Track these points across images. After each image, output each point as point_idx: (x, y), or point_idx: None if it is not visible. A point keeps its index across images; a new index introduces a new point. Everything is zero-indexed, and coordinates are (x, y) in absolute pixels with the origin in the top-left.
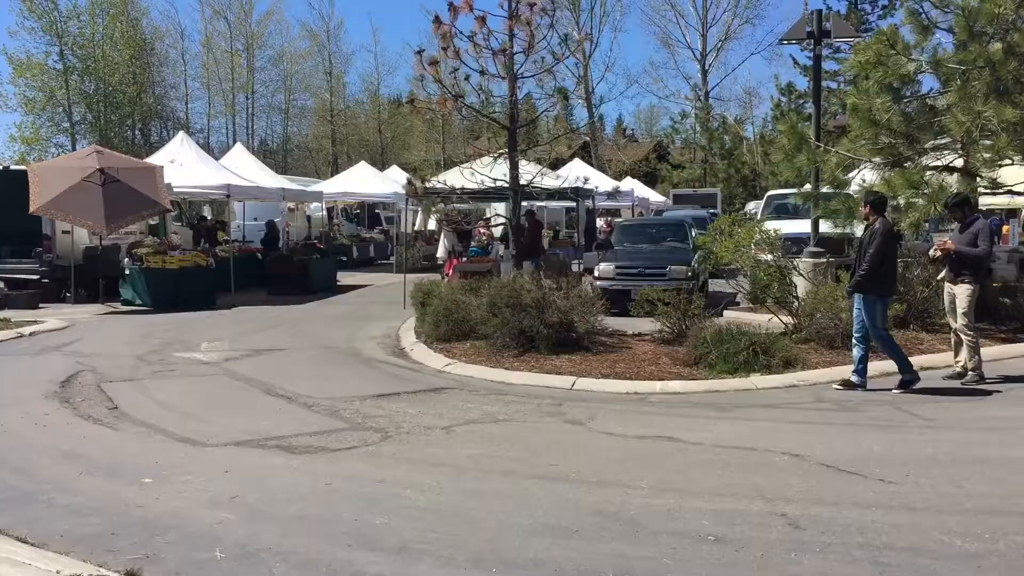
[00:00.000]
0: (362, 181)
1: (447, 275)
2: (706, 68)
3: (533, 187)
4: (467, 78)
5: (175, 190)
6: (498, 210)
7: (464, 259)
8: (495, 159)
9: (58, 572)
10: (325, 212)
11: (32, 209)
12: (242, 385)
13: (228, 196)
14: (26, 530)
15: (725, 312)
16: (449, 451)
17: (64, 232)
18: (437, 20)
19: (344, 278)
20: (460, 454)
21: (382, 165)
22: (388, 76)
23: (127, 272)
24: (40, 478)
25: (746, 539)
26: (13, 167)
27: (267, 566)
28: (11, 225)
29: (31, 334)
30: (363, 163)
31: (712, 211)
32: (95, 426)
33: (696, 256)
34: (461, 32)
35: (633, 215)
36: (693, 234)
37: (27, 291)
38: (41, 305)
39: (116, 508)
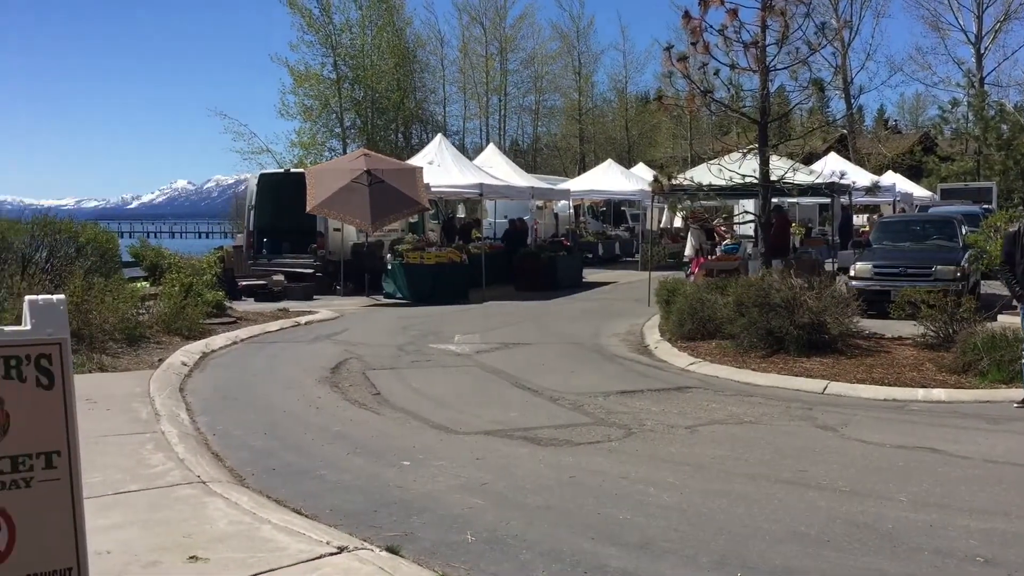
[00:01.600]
0: (608, 179)
1: (692, 273)
2: (981, 52)
3: (784, 183)
4: (716, 73)
5: (432, 190)
6: (747, 207)
7: (711, 257)
8: (744, 155)
9: (327, 543)
10: (572, 210)
11: (308, 208)
12: (491, 377)
13: (481, 195)
14: (301, 503)
15: (1000, 316)
16: (692, 450)
17: (335, 230)
18: (687, 15)
19: (589, 275)
20: (704, 454)
21: (628, 163)
22: (636, 74)
23: (389, 267)
24: (313, 456)
25: (1022, 563)
26: (293, 170)
27: (514, 552)
28: (291, 223)
29: (306, 323)
30: (610, 161)
31: (986, 207)
32: (360, 410)
33: (966, 255)
34: (711, 26)
35: (894, 211)
36: (963, 232)
37: (303, 284)
38: (315, 297)
39: (377, 487)
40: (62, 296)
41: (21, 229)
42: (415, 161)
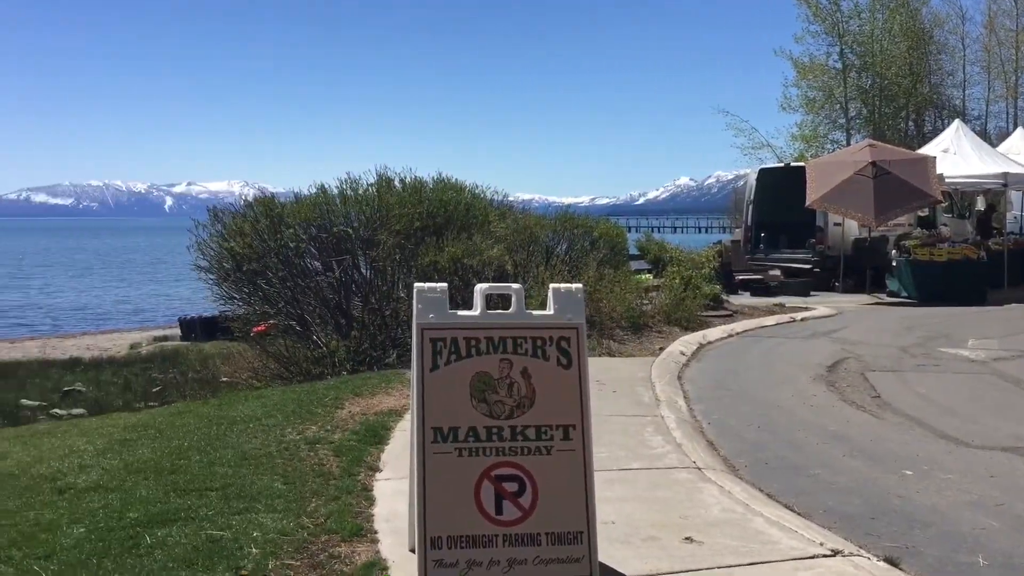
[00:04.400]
0: None
1: None
2: None
3: None
4: None
5: (947, 180)
6: None
7: None
8: None
9: (821, 543)
10: None
11: (808, 203)
12: (1011, 387)
13: (1005, 185)
14: (793, 499)
15: None
16: None
17: (836, 224)
18: None
19: None
20: None
21: None
22: None
23: (894, 264)
24: (806, 453)
25: None
26: (793, 164)
27: None
28: (789, 218)
29: (802, 319)
30: None
31: None
32: (858, 412)
33: None
34: None
35: None
36: None
37: (800, 279)
38: (812, 293)
39: (875, 494)
40: (580, 285)
41: (546, 224)
42: (926, 150)
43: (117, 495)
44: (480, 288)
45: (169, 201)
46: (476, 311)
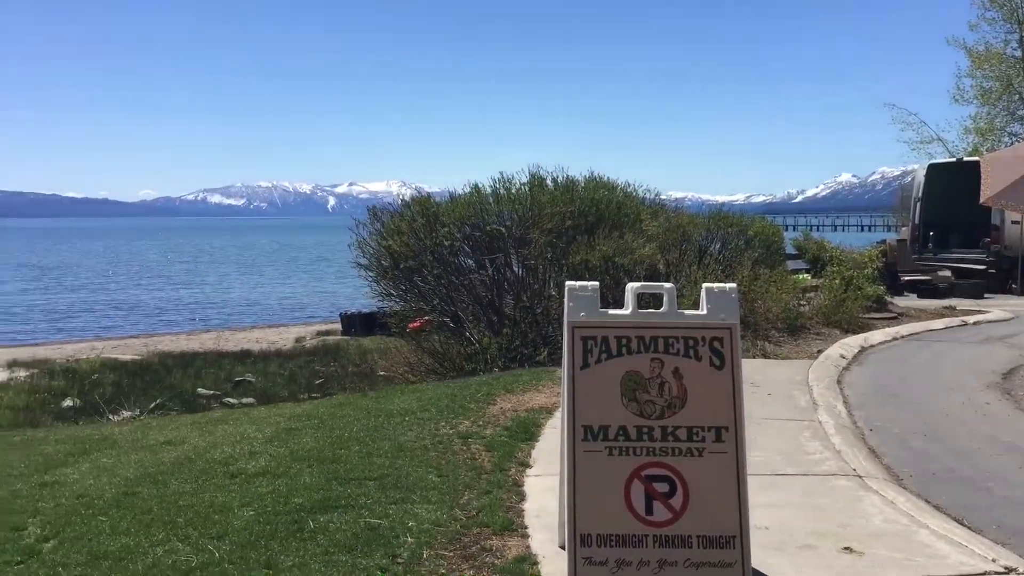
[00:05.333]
0: None
1: None
2: None
3: None
4: None
5: None
6: None
7: None
8: None
9: (993, 560)
10: None
11: (982, 200)
12: None
13: None
14: (962, 513)
15: None
16: None
17: (1013, 222)
18: None
19: None
20: None
21: None
22: None
23: None
24: (977, 465)
25: None
26: (966, 159)
27: None
28: (960, 216)
29: (975, 323)
30: None
31: None
32: None
33: None
34: None
35: None
36: None
37: (972, 281)
38: (986, 295)
39: None
40: (734, 284)
41: (699, 223)
42: None
43: (283, 481)
44: (631, 287)
45: (332, 201)
46: (627, 310)
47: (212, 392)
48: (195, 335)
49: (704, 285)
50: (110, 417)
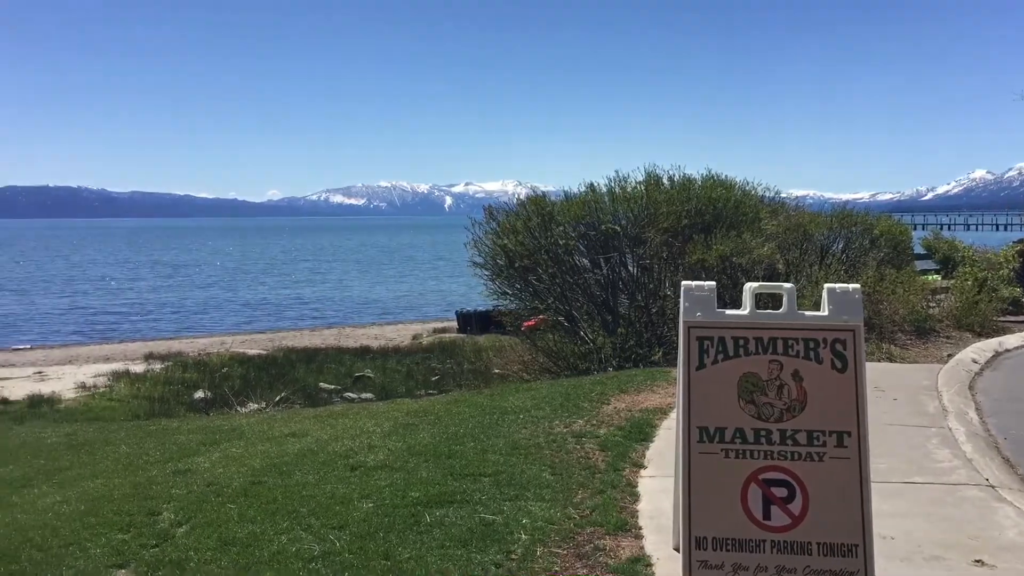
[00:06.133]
0: None
1: None
2: None
3: None
4: None
5: None
6: None
7: None
8: None
9: None
10: None
11: None
12: None
13: None
14: None
15: None
16: None
17: None
18: None
19: None
20: None
21: None
22: None
23: None
24: None
25: None
26: None
27: None
28: None
29: None
30: None
31: None
32: None
33: None
34: None
35: None
36: None
37: None
38: None
39: None
40: (857, 285)
41: (821, 222)
42: None
43: (401, 475)
44: (749, 287)
45: (448, 201)
46: (745, 310)
47: (333, 387)
48: (317, 331)
49: (825, 285)
50: (238, 409)
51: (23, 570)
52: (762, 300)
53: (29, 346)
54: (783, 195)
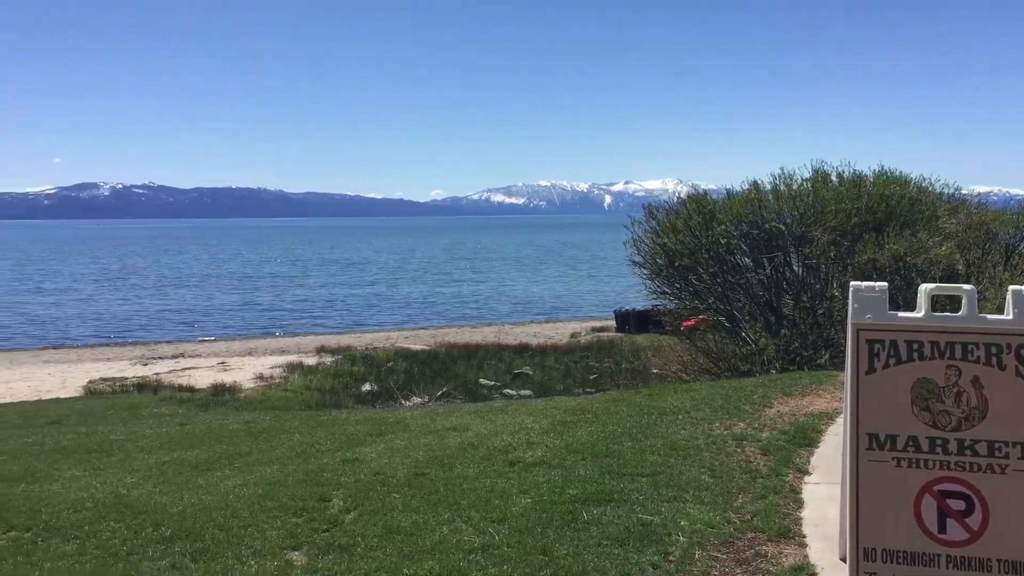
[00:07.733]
0: None
1: None
2: None
3: None
4: None
5: None
6: None
7: None
8: None
9: None
10: None
11: None
12: None
13: None
14: None
15: None
16: None
17: None
18: None
19: None
20: None
21: None
22: None
23: None
24: None
25: None
26: None
27: None
28: None
29: None
30: None
31: None
32: None
33: None
34: None
35: None
36: None
37: None
38: None
39: None
40: None
41: (1006, 220)
42: None
43: (558, 472)
44: (925, 288)
45: (608, 199)
46: (920, 312)
47: (493, 383)
48: (478, 328)
49: (1011, 288)
50: (402, 402)
51: (207, 548)
52: (938, 303)
53: (214, 338)
54: (963, 192)
